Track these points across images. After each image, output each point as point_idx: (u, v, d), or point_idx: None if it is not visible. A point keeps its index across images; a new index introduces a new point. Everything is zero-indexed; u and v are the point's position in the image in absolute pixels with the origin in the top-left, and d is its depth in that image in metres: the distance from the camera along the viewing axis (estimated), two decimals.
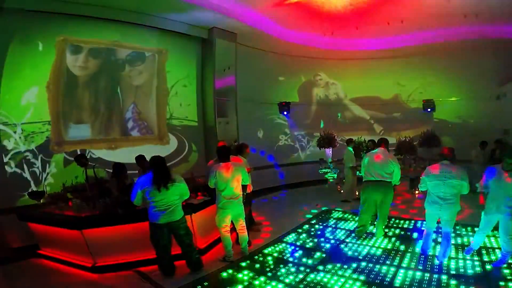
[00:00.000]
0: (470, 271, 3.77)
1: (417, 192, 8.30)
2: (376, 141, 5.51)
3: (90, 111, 6.47)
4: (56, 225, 4.44)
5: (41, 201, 4.86)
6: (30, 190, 5.02)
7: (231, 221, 4.53)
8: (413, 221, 5.90)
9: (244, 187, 4.88)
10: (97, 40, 6.54)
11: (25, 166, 5.59)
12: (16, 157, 5.51)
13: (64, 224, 4.34)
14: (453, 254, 4.29)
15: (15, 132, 5.52)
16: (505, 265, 3.83)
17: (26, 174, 5.61)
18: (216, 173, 4.31)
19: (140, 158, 5.52)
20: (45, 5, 5.62)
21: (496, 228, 3.98)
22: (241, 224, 4.56)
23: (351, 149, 7.89)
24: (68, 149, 6.05)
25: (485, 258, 4.12)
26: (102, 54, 6.64)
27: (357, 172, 7.65)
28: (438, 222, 4.19)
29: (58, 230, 4.42)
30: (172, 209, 3.89)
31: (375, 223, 5.19)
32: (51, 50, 5.95)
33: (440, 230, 4.36)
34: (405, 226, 5.72)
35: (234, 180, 4.38)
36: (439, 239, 4.49)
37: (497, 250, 4.27)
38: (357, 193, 7.89)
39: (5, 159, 5.39)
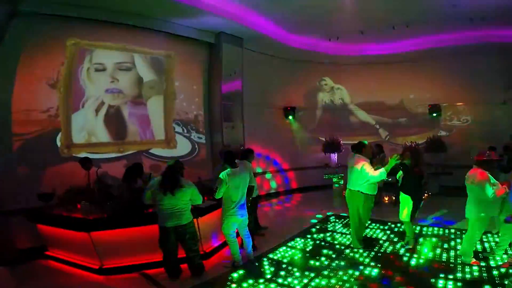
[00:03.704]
0: None
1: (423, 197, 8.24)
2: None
3: (98, 114, 6.54)
4: (64, 227, 4.50)
5: (50, 203, 4.92)
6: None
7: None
8: (418, 228, 5.85)
9: (249, 192, 4.91)
10: (107, 44, 6.63)
11: None
12: None
13: (72, 226, 4.40)
14: None
15: None
16: None
17: None
18: (228, 179, 4.20)
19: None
20: (57, 9, 5.72)
21: None
22: (246, 229, 4.56)
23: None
24: (76, 152, 6.10)
25: None
26: (112, 57, 6.74)
27: None
28: None
29: (66, 232, 4.48)
30: (180, 213, 3.93)
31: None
32: (63, 53, 6.06)
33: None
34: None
35: (244, 186, 4.39)
36: None
37: None
38: None
39: None
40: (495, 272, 3.86)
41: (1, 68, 5.32)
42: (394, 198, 7.62)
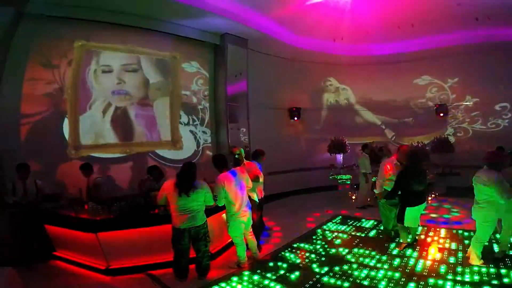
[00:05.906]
0: None
1: (430, 198, 8.17)
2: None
3: (105, 116, 6.60)
4: (72, 227, 4.54)
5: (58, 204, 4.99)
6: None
7: None
8: (425, 228, 5.78)
9: (259, 191, 4.91)
10: (113, 45, 6.71)
11: None
12: None
13: (79, 227, 4.43)
14: None
15: None
16: None
17: None
18: (224, 184, 4.18)
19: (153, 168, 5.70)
20: (64, 11, 5.82)
21: None
22: (250, 229, 4.56)
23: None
24: (84, 153, 6.17)
25: None
26: (119, 59, 6.80)
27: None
28: None
29: (73, 233, 4.52)
30: (194, 214, 3.93)
31: None
32: (70, 55, 6.14)
33: None
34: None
35: (243, 188, 4.38)
36: None
37: None
38: (368, 200, 7.80)
39: None
40: (503, 271, 3.83)
41: (11, 61, 5.45)
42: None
